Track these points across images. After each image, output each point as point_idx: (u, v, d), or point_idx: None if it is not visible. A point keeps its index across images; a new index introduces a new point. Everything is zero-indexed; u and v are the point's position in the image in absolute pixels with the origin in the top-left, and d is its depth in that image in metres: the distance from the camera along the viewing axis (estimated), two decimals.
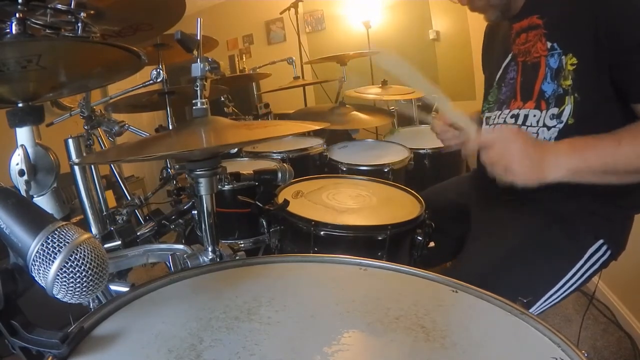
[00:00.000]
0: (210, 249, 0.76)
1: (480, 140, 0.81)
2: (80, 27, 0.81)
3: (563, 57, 0.85)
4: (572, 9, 0.84)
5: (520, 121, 0.93)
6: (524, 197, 0.80)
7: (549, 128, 0.88)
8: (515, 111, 0.95)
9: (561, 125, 0.86)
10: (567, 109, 0.85)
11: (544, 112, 0.89)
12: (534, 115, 0.91)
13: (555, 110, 0.87)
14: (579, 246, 0.89)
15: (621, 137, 0.75)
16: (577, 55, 0.83)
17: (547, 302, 0.89)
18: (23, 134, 0.76)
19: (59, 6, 0.78)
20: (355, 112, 2.02)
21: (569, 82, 0.84)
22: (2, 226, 0.41)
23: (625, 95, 0.80)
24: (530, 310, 0.53)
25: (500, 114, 1.00)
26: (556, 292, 0.89)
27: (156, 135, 1.30)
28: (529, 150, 0.77)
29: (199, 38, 0.75)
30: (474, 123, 0.85)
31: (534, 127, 0.90)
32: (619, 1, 0.78)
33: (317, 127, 0.80)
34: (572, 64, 0.84)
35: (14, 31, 0.70)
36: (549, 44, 0.88)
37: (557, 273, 0.89)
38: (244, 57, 4.31)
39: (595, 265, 0.89)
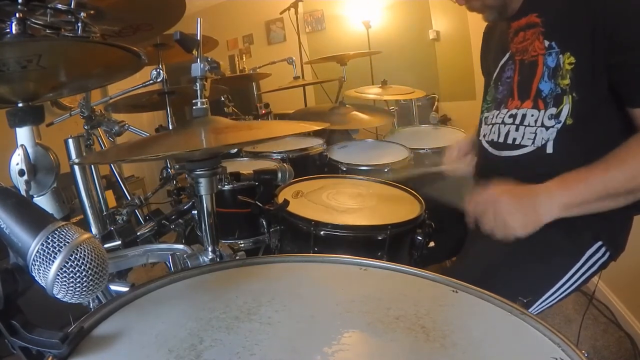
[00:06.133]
0: (210, 249, 0.76)
1: (472, 210, 0.86)
2: (80, 27, 0.81)
3: (561, 56, 0.85)
4: (570, 7, 0.84)
5: (518, 121, 0.93)
6: None
7: (547, 128, 0.88)
8: (514, 111, 0.95)
9: (559, 125, 0.86)
10: (566, 108, 0.85)
11: (542, 111, 0.88)
12: (532, 115, 0.90)
13: (553, 110, 0.87)
14: (578, 247, 0.89)
15: (608, 164, 0.76)
16: (574, 54, 0.83)
17: (545, 303, 0.89)
18: (23, 134, 0.77)
19: (59, 6, 0.78)
20: (355, 112, 2.02)
21: (567, 81, 0.84)
22: (2, 226, 0.41)
23: (621, 98, 0.80)
24: (529, 311, 0.53)
25: (498, 114, 1.00)
26: (555, 292, 0.88)
27: (156, 135, 1.30)
28: (517, 202, 0.79)
29: (199, 38, 0.75)
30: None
31: (532, 127, 0.90)
32: (617, 0, 0.78)
33: (317, 128, 0.80)
34: (569, 63, 0.84)
35: (14, 31, 0.70)
36: (546, 43, 0.88)
37: (556, 274, 0.89)
38: (244, 57, 4.32)
39: (594, 267, 0.89)
